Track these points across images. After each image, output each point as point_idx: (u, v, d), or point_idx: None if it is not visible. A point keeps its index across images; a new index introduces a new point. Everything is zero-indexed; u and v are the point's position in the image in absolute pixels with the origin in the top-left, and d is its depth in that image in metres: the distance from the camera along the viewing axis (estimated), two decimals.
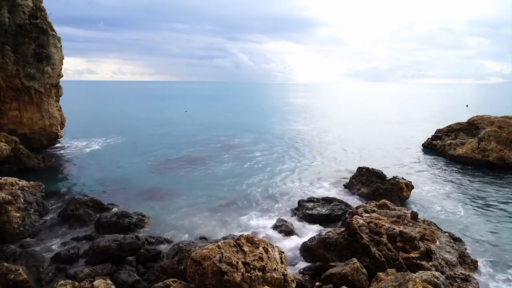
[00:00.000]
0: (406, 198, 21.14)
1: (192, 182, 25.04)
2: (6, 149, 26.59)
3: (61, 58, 32.34)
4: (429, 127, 45.87)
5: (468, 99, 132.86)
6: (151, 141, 40.54)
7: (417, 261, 12.37)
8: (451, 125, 37.02)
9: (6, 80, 28.84)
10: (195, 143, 39.56)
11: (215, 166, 29.34)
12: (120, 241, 14.32)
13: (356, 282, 11.52)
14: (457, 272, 12.38)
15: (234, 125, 56.21)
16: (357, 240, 13.29)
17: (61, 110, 34.40)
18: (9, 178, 18.02)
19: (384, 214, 15.28)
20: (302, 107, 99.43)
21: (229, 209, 19.93)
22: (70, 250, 14.57)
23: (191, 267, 10.21)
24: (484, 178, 26.05)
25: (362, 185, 22.61)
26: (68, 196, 21.31)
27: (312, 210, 18.60)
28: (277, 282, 10.26)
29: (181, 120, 62.23)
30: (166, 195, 22.13)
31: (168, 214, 19.13)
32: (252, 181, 25.33)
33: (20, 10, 29.40)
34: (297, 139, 43.23)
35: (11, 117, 29.92)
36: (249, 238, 11.33)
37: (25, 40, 29.21)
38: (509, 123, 30.13)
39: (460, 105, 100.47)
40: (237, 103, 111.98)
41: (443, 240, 14.15)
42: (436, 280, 9.55)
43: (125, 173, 27.36)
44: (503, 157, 28.31)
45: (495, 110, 58.39)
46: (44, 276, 12.85)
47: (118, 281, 12.07)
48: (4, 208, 15.67)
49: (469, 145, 30.92)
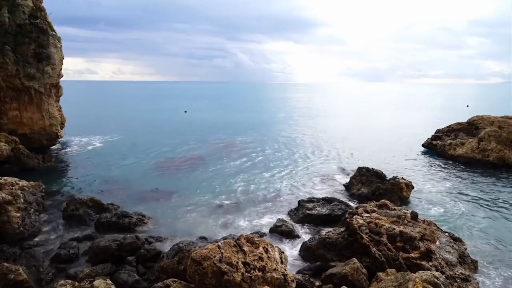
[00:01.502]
0: (406, 198, 21.14)
1: (192, 182, 25.04)
2: (6, 149, 26.59)
3: (61, 58, 32.35)
4: (429, 127, 45.86)
5: (468, 99, 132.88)
6: (151, 141, 40.53)
7: (417, 261, 12.37)
8: (451, 125, 37.01)
9: (6, 80, 28.85)
10: (195, 143, 39.56)
11: (215, 166, 29.34)
12: (120, 241, 14.32)
13: (356, 282, 11.52)
14: (457, 272, 12.38)
15: (234, 125, 56.22)
16: (357, 240, 13.29)
17: (61, 110, 34.41)
18: (9, 178, 18.01)
19: (384, 214, 15.28)
20: (302, 107, 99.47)
21: (229, 209, 19.93)
22: (70, 250, 14.57)
23: (191, 267, 10.21)
24: (484, 178, 26.05)
25: (362, 185, 22.60)
26: (68, 196, 21.32)
27: (312, 210, 18.60)
28: (277, 282, 10.26)
29: (181, 120, 62.23)
30: (166, 195, 22.12)
31: (168, 214, 19.14)
32: (252, 181, 25.33)
33: (20, 10, 29.40)
34: (297, 139, 43.24)
35: (11, 117, 29.92)
36: (249, 238, 11.33)
37: (25, 40, 29.22)
38: (509, 123, 30.13)
39: (460, 105, 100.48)
40: (237, 103, 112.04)
41: (443, 240, 14.15)
42: (436, 280, 9.55)
43: (125, 173, 27.36)
44: (503, 157, 28.31)
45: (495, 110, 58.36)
46: (44, 276, 12.85)
47: (118, 281, 12.07)
48: (4, 208, 15.67)
49: (469, 145, 30.92)
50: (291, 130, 50.68)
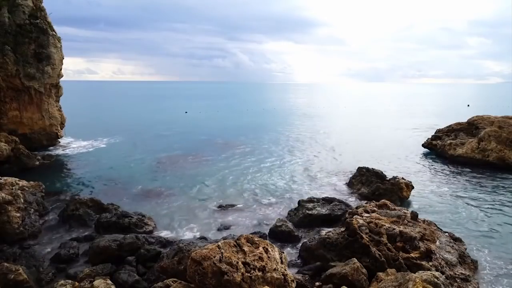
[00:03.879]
0: (406, 198, 21.14)
1: (192, 182, 25.03)
2: (6, 149, 26.59)
3: (61, 58, 32.37)
4: (429, 127, 45.88)
5: (468, 99, 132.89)
6: (151, 141, 40.55)
7: (417, 261, 12.37)
8: (451, 125, 36.99)
9: (6, 80, 28.86)
10: (195, 143, 39.56)
11: (215, 166, 29.34)
12: (120, 241, 14.32)
13: (356, 282, 11.51)
14: (457, 272, 12.37)
15: (234, 125, 56.24)
16: (357, 240, 13.28)
17: (61, 110, 34.42)
18: (9, 178, 18.00)
19: (384, 214, 15.28)
20: (302, 107, 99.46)
21: (229, 209, 19.94)
22: (70, 250, 14.57)
23: (191, 267, 10.21)
24: (484, 178, 26.04)
25: (362, 185, 22.60)
26: (68, 196, 21.33)
27: (312, 210, 18.58)
28: (277, 282, 10.25)
29: (181, 120, 62.23)
30: (166, 195, 22.13)
31: (168, 214, 19.14)
32: (252, 181, 25.34)
33: (20, 10, 29.43)
34: (297, 139, 43.25)
35: (11, 117, 29.94)
36: (249, 238, 11.33)
37: (25, 40, 29.24)
38: (509, 123, 30.12)
39: (460, 105, 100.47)
40: (237, 103, 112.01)
41: (443, 240, 14.15)
42: (436, 280, 9.54)
43: (125, 173, 27.36)
44: (503, 157, 28.30)
45: (495, 110, 58.38)
46: (44, 276, 12.85)
47: (118, 281, 12.06)
48: (4, 208, 15.67)
49: (469, 145, 30.91)
50: (291, 130, 50.67)
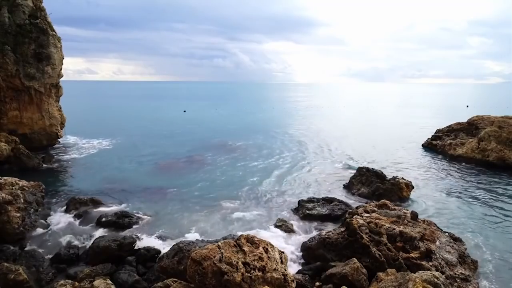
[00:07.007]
0: (406, 198, 21.14)
1: (192, 182, 25.01)
2: (6, 149, 26.59)
3: (61, 58, 32.34)
4: (429, 127, 45.87)
5: (468, 99, 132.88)
6: (151, 141, 40.52)
7: (417, 261, 12.37)
8: (451, 125, 37.02)
9: (6, 80, 28.84)
10: (195, 143, 39.53)
11: (215, 166, 29.33)
12: (120, 241, 14.33)
13: (356, 282, 11.52)
14: (457, 272, 12.37)
15: (233, 125, 56.21)
16: (357, 240, 13.29)
17: (61, 110, 34.39)
18: (9, 178, 18.01)
19: (384, 214, 15.28)
20: (302, 107, 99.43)
21: (229, 209, 19.91)
22: (70, 250, 14.58)
23: (191, 267, 10.21)
24: (484, 178, 26.03)
25: (362, 185, 22.61)
26: (68, 196, 21.31)
27: (312, 210, 18.60)
28: (277, 282, 10.25)
29: (181, 120, 62.22)
30: (166, 195, 22.11)
31: (169, 214, 19.13)
32: (252, 180, 25.32)
33: (20, 10, 29.40)
34: (297, 139, 43.21)
35: (11, 117, 29.92)
36: (249, 238, 11.33)
37: (25, 40, 29.21)
38: (509, 123, 30.13)
39: (460, 105, 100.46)
40: (237, 103, 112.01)
41: (443, 240, 14.15)
42: (436, 280, 9.54)
43: (125, 173, 27.34)
44: (503, 157, 28.30)
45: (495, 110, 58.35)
46: (44, 276, 12.85)
47: (118, 281, 12.08)
48: (4, 208, 15.66)
49: (469, 145, 30.92)
50: (290, 130, 50.63)
